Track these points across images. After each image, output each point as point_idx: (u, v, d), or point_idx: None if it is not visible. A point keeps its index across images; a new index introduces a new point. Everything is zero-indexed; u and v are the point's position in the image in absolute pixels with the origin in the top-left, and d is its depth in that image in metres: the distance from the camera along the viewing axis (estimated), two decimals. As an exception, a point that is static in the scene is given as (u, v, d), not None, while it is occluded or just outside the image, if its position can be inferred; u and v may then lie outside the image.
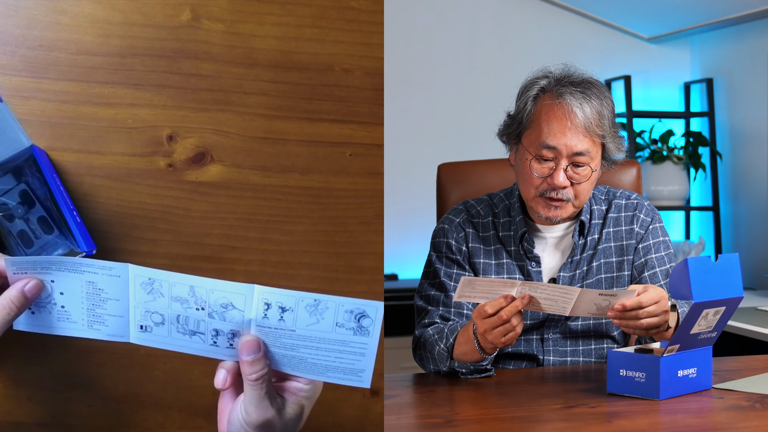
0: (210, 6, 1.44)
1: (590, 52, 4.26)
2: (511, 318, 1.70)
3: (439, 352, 1.86)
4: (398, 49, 4.08)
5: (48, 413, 1.39)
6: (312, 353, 1.22)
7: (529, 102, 1.93)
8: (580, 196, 1.92)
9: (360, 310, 1.20)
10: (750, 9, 3.74)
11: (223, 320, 1.21)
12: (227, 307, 1.20)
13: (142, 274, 1.23)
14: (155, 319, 1.24)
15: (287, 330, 1.21)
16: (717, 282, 1.64)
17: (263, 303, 1.21)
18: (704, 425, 1.56)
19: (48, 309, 1.25)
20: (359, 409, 1.45)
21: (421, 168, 3.88)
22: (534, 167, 1.90)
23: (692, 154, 4.11)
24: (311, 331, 1.20)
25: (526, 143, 1.92)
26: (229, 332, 1.22)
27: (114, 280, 1.24)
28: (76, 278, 1.24)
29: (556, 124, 1.89)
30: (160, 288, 1.22)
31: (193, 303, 1.21)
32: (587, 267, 1.99)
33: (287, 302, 1.20)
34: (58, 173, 1.39)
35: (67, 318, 1.26)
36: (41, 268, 1.23)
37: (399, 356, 3.70)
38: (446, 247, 2.01)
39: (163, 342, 1.24)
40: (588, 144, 1.89)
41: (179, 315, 1.22)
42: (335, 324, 1.20)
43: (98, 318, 1.25)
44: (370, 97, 1.47)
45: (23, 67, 1.40)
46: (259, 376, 1.20)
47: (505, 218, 2.02)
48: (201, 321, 1.22)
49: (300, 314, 1.20)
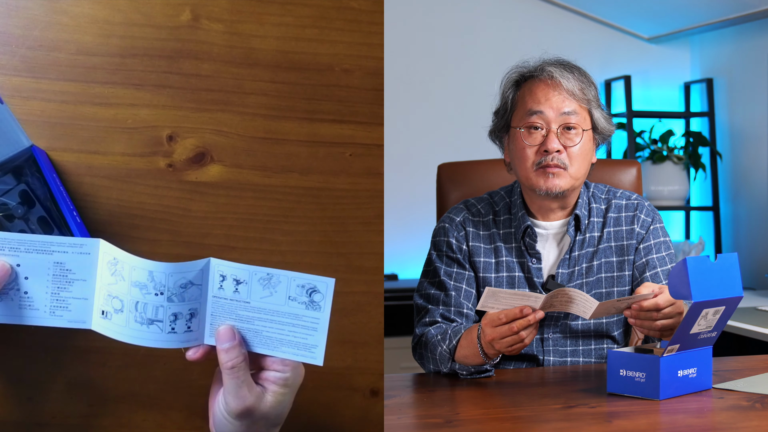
0: (210, 6, 1.44)
1: (590, 52, 4.25)
2: (520, 331, 1.71)
3: (441, 353, 1.86)
4: (398, 49, 4.08)
5: (48, 413, 1.39)
6: (266, 326, 1.26)
7: (510, 88, 2.00)
8: (575, 164, 1.92)
9: (311, 285, 1.26)
10: (750, 9, 3.74)
11: (182, 301, 1.24)
12: (186, 286, 1.24)
13: (109, 252, 1.25)
14: (115, 305, 1.25)
15: (242, 302, 1.26)
16: (716, 281, 1.64)
17: (219, 275, 1.26)
18: (704, 425, 1.56)
19: (11, 296, 1.26)
20: (359, 409, 1.45)
21: (421, 168, 3.88)
22: (525, 137, 1.93)
23: (692, 154, 4.11)
24: (265, 304, 1.26)
25: (515, 122, 1.97)
26: (188, 313, 1.25)
27: (84, 258, 1.26)
28: (43, 260, 1.25)
29: (541, 93, 1.95)
30: (122, 270, 1.24)
31: (152, 288, 1.24)
32: (587, 265, 1.99)
33: (241, 275, 1.26)
34: (58, 173, 1.39)
35: (29, 305, 1.26)
36: (9, 249, 1.24)
37: (399, 356, 3.70)
38: (446, 246, 2.01)
39: (120, 332, 1.26)
40: (575, 105, 1.94)
41: (138, 302, 1.24)
42: (288, 297, 1.26)
43: (61, 303, 1.26)
44: (370, 97, 1.47)
45: (23, 67, 1.41)
46: (234, 363, 1.23)
47: (506, 216, 2.02)
48: (159, 307, 1.24)
49: (254, 287, 1.26)
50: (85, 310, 1.27)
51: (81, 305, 1.27)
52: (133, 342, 1.26)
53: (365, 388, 1.46)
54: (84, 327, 1.27)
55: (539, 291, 1.98)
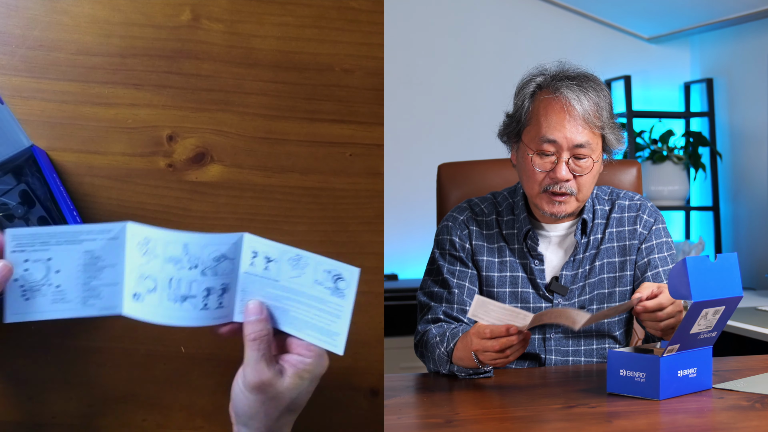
0: (210, 6, 1.44)
1: (590, 52, 4.25)
2: (505, 349, 1.71)
3: (439, 355, 1.87)
4: (398, 49, 4.08)
5: (48, 413, 1.39)
6: (294, 306, 1.27)
7: (526, 99, 1.94)
8: (583, 190, 1.92)
9: (337, 272, 1.27)
10: (750, 9, 3.74)
11: (215, 275, 1.26)
12: (220, 260, 1.26)
13: (139, 233, 1.26)
14: (148, 285, 1.26)
15: (272, 279, 1.27)
16: (716, 281, 1.65)
17: (251, 251, 1.27)
18: (704, 425, 1.56)
19: (42, 292, 1.26)
20: (359, 409, 1.45)
21: (421, 168, 3.88)
22: (536, 162, 1.91)
23: (692, 154, 4.11)
24: (293, 284, 1.27)
25: (527, 140, 1.93)
26: (220, 288, 1.26)
27: (112, 243, 1.27)
28: (73, 250, 1.26)
29: (555, 117, 1.90)
30: (155, 248, 1.26)
31: (187, 262, 1.25)
32: (590, 266, 2.00)
33: (272, 253, 1.27)
34: (58, 173, 1.39)
35: (62, 298, 1.26)
36: (41, 243, 1.25)
37: (399, 356, 3.70)
38: (450, 245, 2.01)
39: (153, 313, 1.26)
40: (588, 136, 1.90)
41: (171, 278, 1.25)
42: (314, 281, 1.27)
43: (93, 291, 1.27)
44: (370, 97, 1.47)
45: (23, 67, 1.41)
46: (257, 335, 1.25)
47: (509, 216, 2.02)
48: (193, 282, 1.25)
49: (283, 266, 1.27)
50: (117, 295, 1.28)
51: (112, 291, 1.28)
52: (166, 322, 1.27)
53: (365, 388, 1.46)
54: (116, 313, 1.28)
55: (542, 292, 1.98)
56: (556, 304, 1.98)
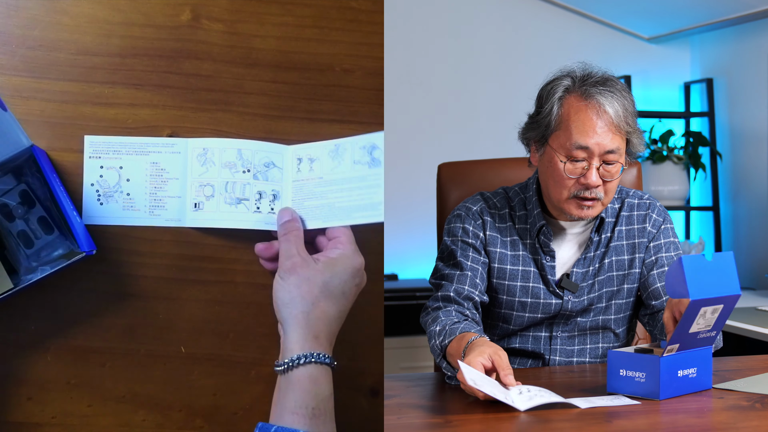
0: (210, 6, 1.45)
1: (590, 52, 4.24)
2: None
3: (434, 346, 1.86)
4: (398, 49, 4.08)
5: (48, 413, 1.39)
6: (338, 197, 1.38)
7: (555, 104, 1.92)
8: (609, 194, 1.93)
9: (371, 143, 1.37)
10: (750, 9, 3.74)
11: (266, 180, 1.38)
12: (269, 165, 1.38)
13: (198, 145, 1.39)
14: (207, 192, 1.37)
15: (316, 179, 1.38)
16: (713, 280, 1.65)
17: (296, 158, 1.40)
18: (704, 425, 1.56)
19: (115, 198, 1.38)
20: (359, 409, 1.45)
21: (421, 168, 3.88)
22: (567, 169, 1.90)
23: (692, 154, 4.11)
24: (335, 175, 1.38)
25: (556, 145, 1.91)
26: (271, 194, 1.38)
27: (175, 157, 1.39)
28: (141, 161, 1.38)
29: (588, 124, 1.89)
30: (212, 157, 1.38)
31: (240, 166, 1.38)
32: (599, 264, 2.00)
33: (314, 153, 1.40)
34: (58, 173, 1.39)
35: (131, 206, 1.37)
36: (114, 152, 1.38)
37: (399, 356, 3.70)
38: (462, 232, 2.00)
39: (212, 218, 1.38)
40: (618, 141, 1.90)
41: (227, 182, 1.37)
42: (353, 162, 1.37)
43: (159, 202, 1.38)
44: (370, 97, 1.47)
45: (23, 67, 1.41)
46: (288, 230, 1.37)
47: (522, 212, 2.02)
48: (247, 184, 1.37)
49: (325, 162, 1.38)
50: (180, 208, 1.39)
51: (176, 203, 1.39)
52: (224, 225, 1.38)
53: (365, 388, 1.46)
54: (179, 225, 1.39)
55: (552, 289, 1.98)
56: (566, 301, 1.98)
